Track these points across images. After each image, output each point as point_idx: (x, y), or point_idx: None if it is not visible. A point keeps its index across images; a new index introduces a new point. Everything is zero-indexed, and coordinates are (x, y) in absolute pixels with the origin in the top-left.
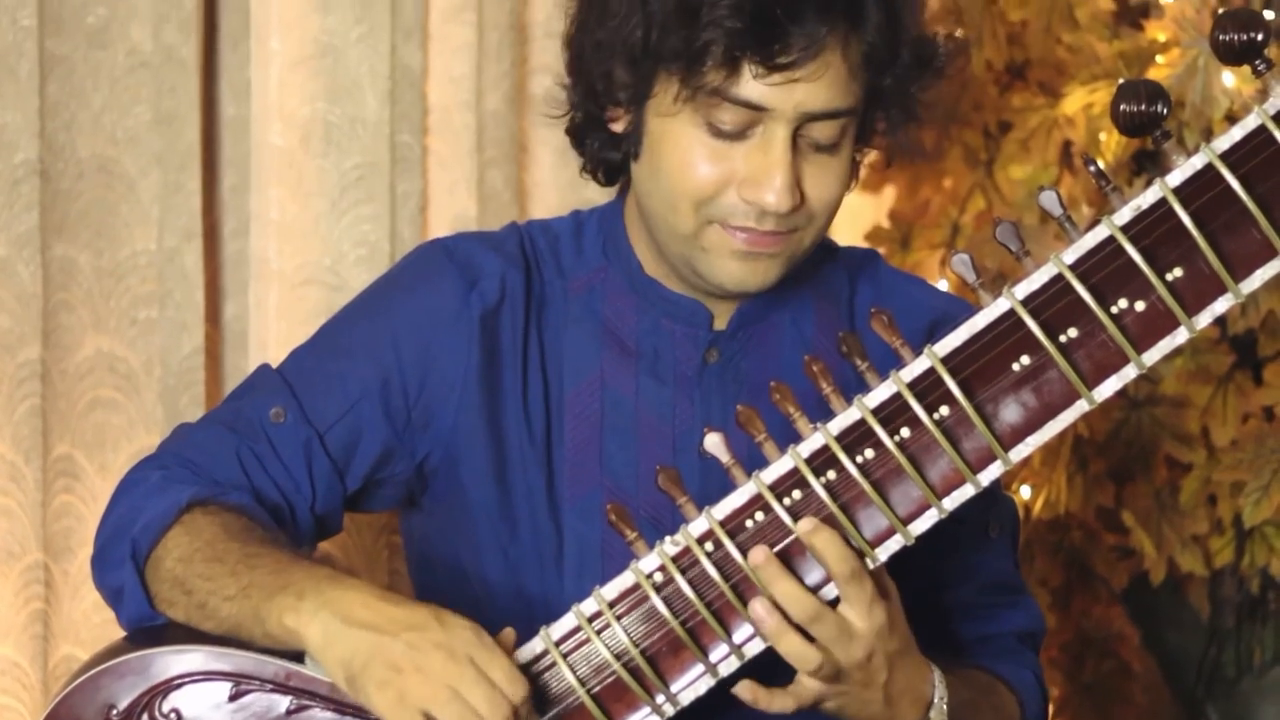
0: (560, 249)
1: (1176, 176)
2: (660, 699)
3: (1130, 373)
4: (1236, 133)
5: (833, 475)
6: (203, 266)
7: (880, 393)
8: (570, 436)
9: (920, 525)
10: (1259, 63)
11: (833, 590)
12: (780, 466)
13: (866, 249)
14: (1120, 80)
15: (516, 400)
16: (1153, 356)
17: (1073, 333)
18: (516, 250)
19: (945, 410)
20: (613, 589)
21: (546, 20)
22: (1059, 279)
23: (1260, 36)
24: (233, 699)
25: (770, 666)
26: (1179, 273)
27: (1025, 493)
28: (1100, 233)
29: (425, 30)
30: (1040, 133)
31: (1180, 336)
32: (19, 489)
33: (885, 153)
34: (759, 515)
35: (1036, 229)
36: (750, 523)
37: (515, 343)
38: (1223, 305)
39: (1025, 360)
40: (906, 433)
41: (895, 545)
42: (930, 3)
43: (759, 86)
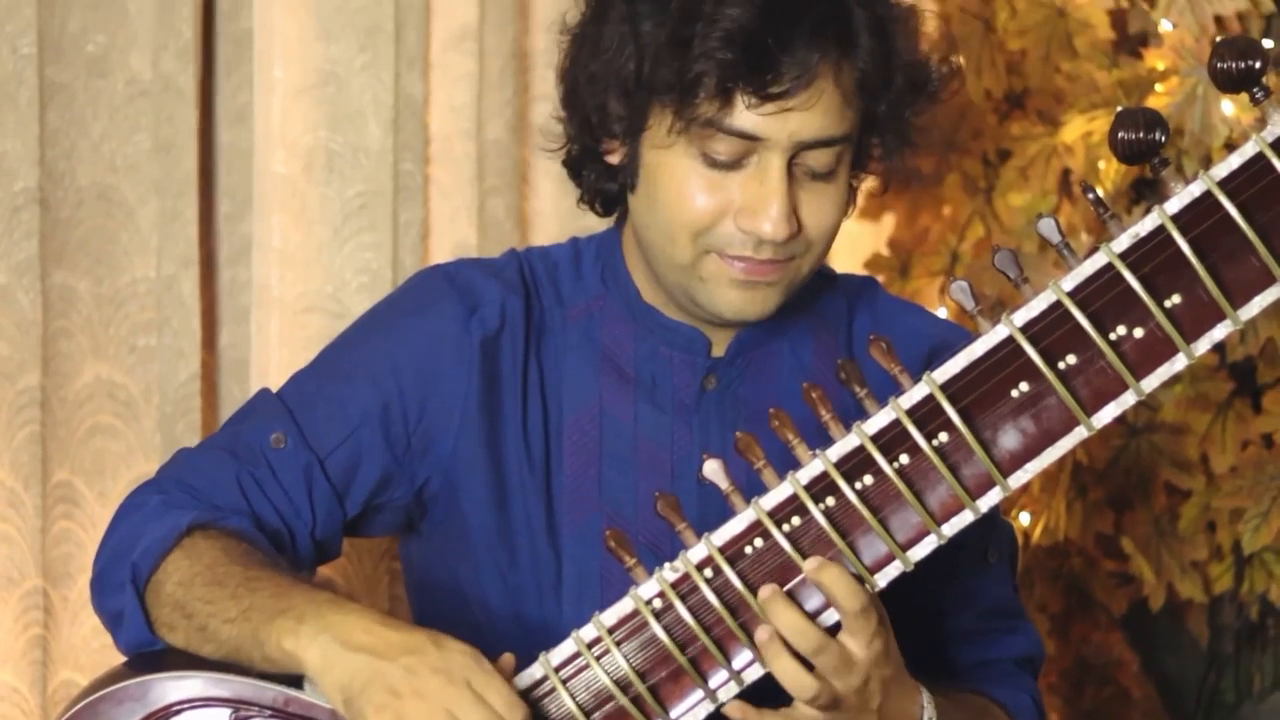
0: (559, 276)
1: (1175, 204)
2: None
3: (1129, 399)
4: (1235, 160)
5: (832, 502)
6: (200, 294)
7: (879, 419)
8: (569, 463)
9: (919, 551)
10: (1257, 91)
11: (831, 615)
12: (779, 493)
13: (865, 276)
14: (1119, 108)
15: (516, 427)
16: (1151, 383)
17: (1071, 359)
18: (516, 277)
19: (944, 437)
20: (612, 615)
21: (548, 49)
22: (1058, 306)
23: (1258, 64)
24: None
25: (770, 691)
26: (1177, 300)
27: (1025, 519)
28: (1099, 260)
29: (427, 59)
30: (1039, 161)
31: (1179, 363)
32: (18, 515)
33: (882, 178)
34: (758, 542)
35: (1036, 257)
36: (749, 549)
37: (515, 369)
38: (1221, 332)
39: (1024, 387)
40: (905, 459)
41: (894, 571)
42: (929, 31)
43: (752, 116)
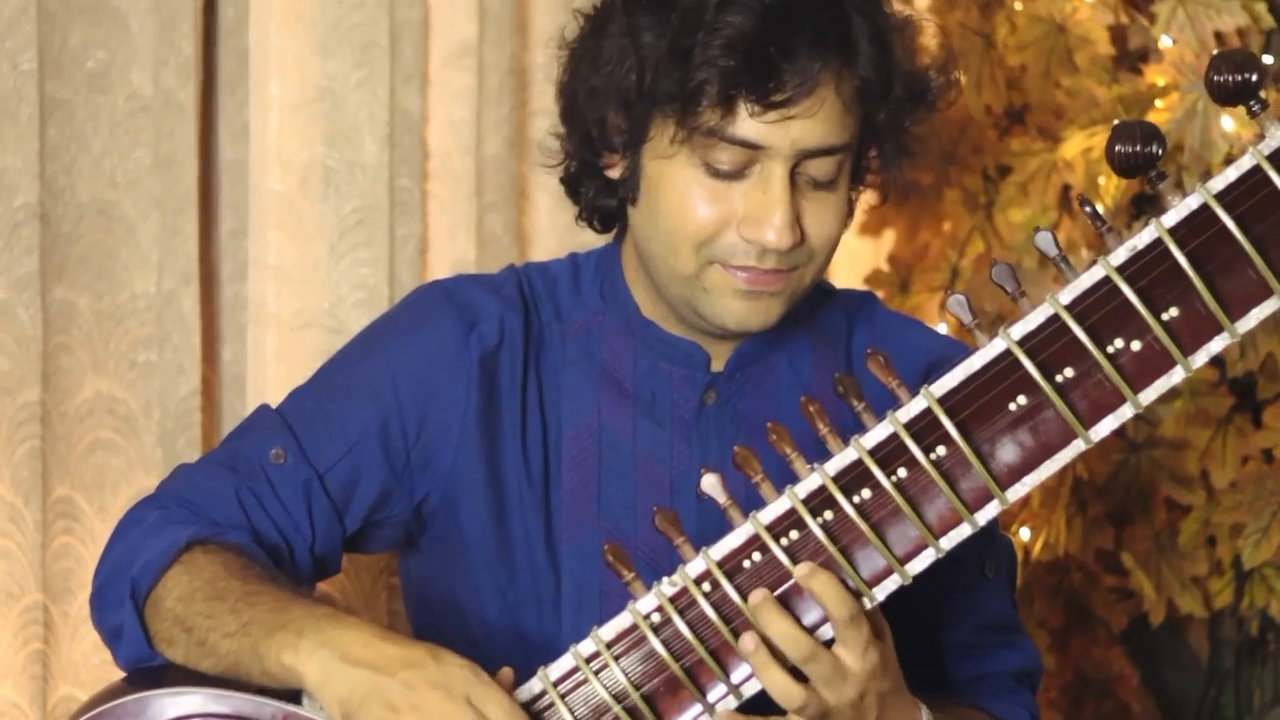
0: (558, 292)
1: (1172, 217)
2: None
3: (1127, 412)
4: (1232, 173)
5: (830, 516)
6: (200, 310)
7: (877, 433)
8: (568, 478)
9: (918, 565)
10: (1254, 104)
11: (829, 630)
12: (777, 507)
13: (864, 291)
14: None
15: (515, 442)
16: (1149, 396)
17: (1069, 373)
18: (515, 293)
19: (942, 450)
20: (610, 630)
21: (547, 64)
22: (1055, 319)
23: (1255, 78)
24: None
25: (769, 706)
26: (1175, 312)
27: (1024, 534)
28: (1096, 273)
29: (425, 75)
30: (1039, 176)
31: (1177, 376)
32: (18, 530)
33: (880, 190)
34: (756, 556)
35: (1036, 272)
36: (748, 563)
37: (514, 385)
38: (1219, 345)
39: (1022, 400)
40: (904, 473)
41: (893, 585)
42: (927, 42)
43: (755, 125)
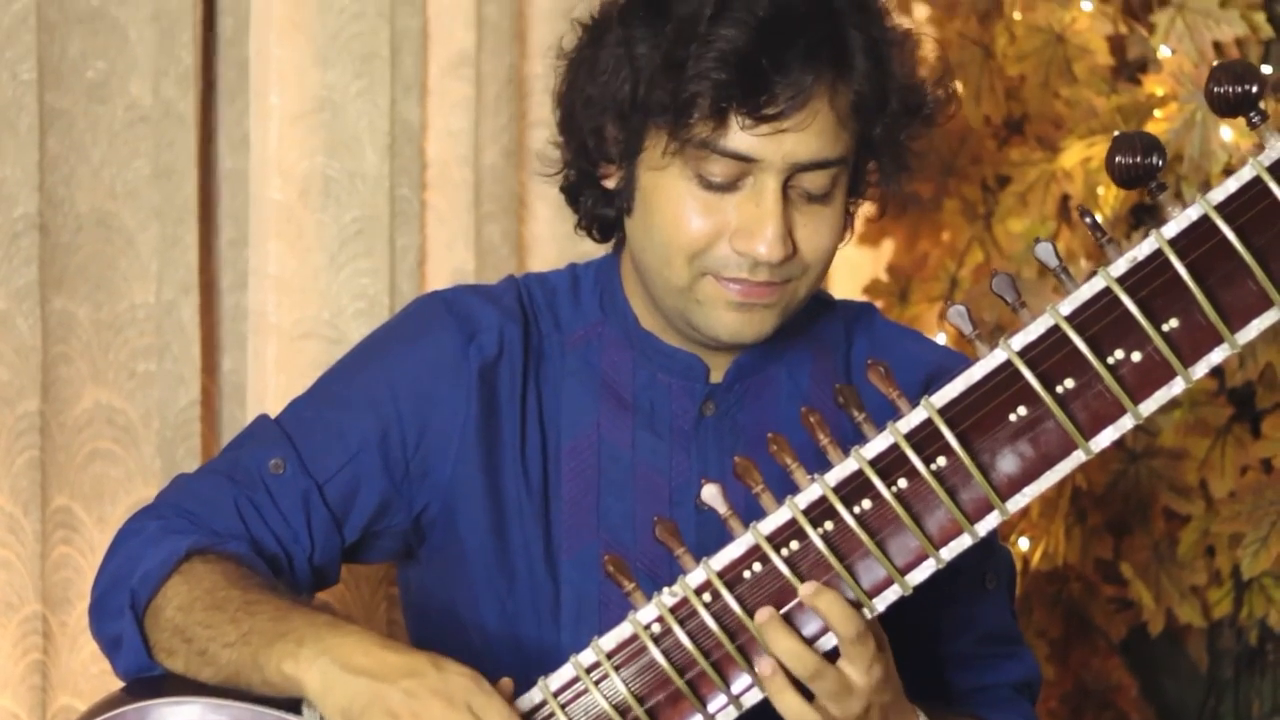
0: (557, 303)
1: (1172, 228)
2: None
3: (1127, 423)
4: (1232, 184)
5: (830, 526)
6: (199, 320)
7: (877, 444)
8: (567, 489)
9: (918, 575)
10: (1253, 115)
11: (830, 640)
12: (778, 518)
13: (863, 302)
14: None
15: (514, 453)
16: (1149, 407)
17: (1070, 384)
18: (514, 304)
19: (942, 461)
20: (610, 640)
21: (545, 74)
22: (1055, 330)
23: (1255, 89)
24: None
25: (768, 714)
26: (1175, 323)
27: (1024, 544)
28: (1096, 284)
29: (424, 85)
30: (1038, 186)
31: (1177, 387)
32: (18, 540)
33: (879, 202)
34: (756, 566)
35: (1035, 282)
36: (748, 574)
37: (513, 395)
38: (1219, 356)
39: (1022, 411)
40: (904, 483)
41: (893, 595)
42: (925, 55)
43: (747, 138)
